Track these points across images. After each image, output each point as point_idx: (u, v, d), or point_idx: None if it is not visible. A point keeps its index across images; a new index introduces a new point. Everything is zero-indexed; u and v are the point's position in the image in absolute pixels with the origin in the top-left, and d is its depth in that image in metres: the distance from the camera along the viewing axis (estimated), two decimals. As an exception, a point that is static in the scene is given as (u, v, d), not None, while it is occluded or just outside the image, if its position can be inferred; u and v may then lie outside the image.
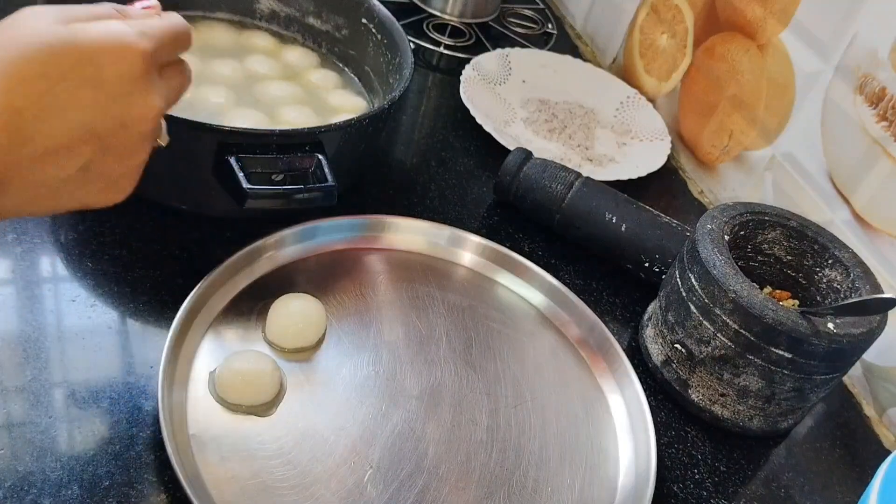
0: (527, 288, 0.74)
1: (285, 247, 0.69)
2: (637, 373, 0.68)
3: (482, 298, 0.73)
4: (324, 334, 0.65)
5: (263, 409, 0.59)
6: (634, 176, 0.90)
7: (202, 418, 0.56)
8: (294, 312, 0.63)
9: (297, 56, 0.85)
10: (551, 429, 0.64)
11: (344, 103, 0.80)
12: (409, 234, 0.75)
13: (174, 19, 0.50)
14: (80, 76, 0.43)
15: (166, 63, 0.48)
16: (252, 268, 0.67)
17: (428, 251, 0.75)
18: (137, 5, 0.51)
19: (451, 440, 0.61)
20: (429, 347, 0.67)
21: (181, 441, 0.54)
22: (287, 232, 0.69)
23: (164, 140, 0.51)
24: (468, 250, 0.75)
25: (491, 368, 0.67)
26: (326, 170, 0.64)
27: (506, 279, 0.75)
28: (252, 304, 0.65)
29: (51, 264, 0.65)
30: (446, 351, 0.67)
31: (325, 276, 0.69)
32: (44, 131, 0.43)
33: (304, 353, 0.63)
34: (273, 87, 0.79)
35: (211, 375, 0.59)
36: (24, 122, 0.42)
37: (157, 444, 0.55)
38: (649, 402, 0.65)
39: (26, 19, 0.44)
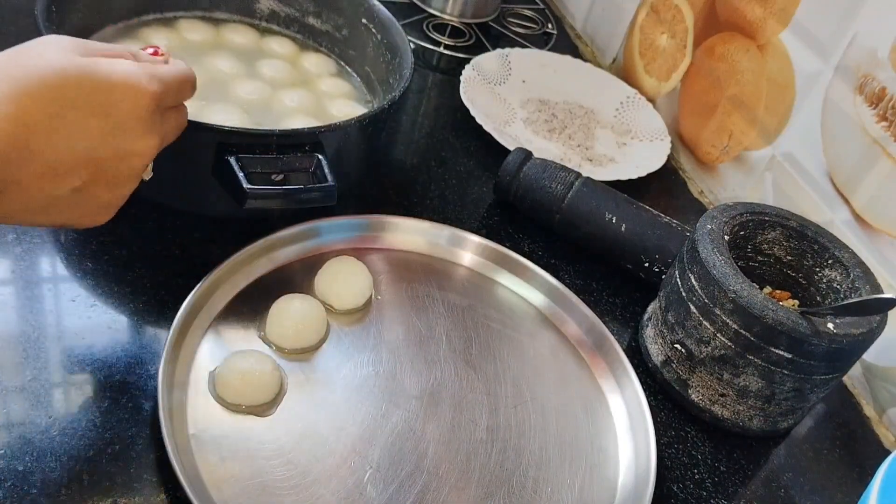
0: (527, 288, 0.74)
1: (285, 247, 0.69)
2: (637, 373, 0.68)
3: (482, 298, 0.73)
4: (324, 335, 0.65)
5: (263, 409, 0.59)
6: (634, 176, 0.90)
7: (202, 418, 0.56)
8: (294, 313, 0.63)
9: (314, 63, 0.85)
10: (551, 429, 0.64)
11: (344, 110, 0.80)
12: (409, 234, 0.75)
13: (181, 67, 0.54)
14: (92, 106, 0.47)
15: (169, 107, 0.53)
16: (252, 268, 0.67)
17: (428, 251, 0.75)
18: (148, 50, 0.56)
19: (450, 440, 0.61)
20: (429, 347, 0.67)
21: (181, 441, 0.54)
22: (287, 232, 0.69)
23: (148, 175, 0.55)
24: (468, 250, 0.75)
25: (491, 368, 0.67)
26: (326, 170, 0.64)
27: (506, 279, 0.75)
28: (252, 304, 0.65)
29: (51, 264, 0.65)
30: (446, 351, 0.67)
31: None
32: (49, 150, 0.46)
33: (304, 353, 0.63)
34: (276, 92, 0.79)
35: (211, 375, 0.59)
36: (33, 138, 0.45)
37: (157, 444, 0.55)
38: (649, 403, 0.65)
39: (48, 45, 0.47)
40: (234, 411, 0.58)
